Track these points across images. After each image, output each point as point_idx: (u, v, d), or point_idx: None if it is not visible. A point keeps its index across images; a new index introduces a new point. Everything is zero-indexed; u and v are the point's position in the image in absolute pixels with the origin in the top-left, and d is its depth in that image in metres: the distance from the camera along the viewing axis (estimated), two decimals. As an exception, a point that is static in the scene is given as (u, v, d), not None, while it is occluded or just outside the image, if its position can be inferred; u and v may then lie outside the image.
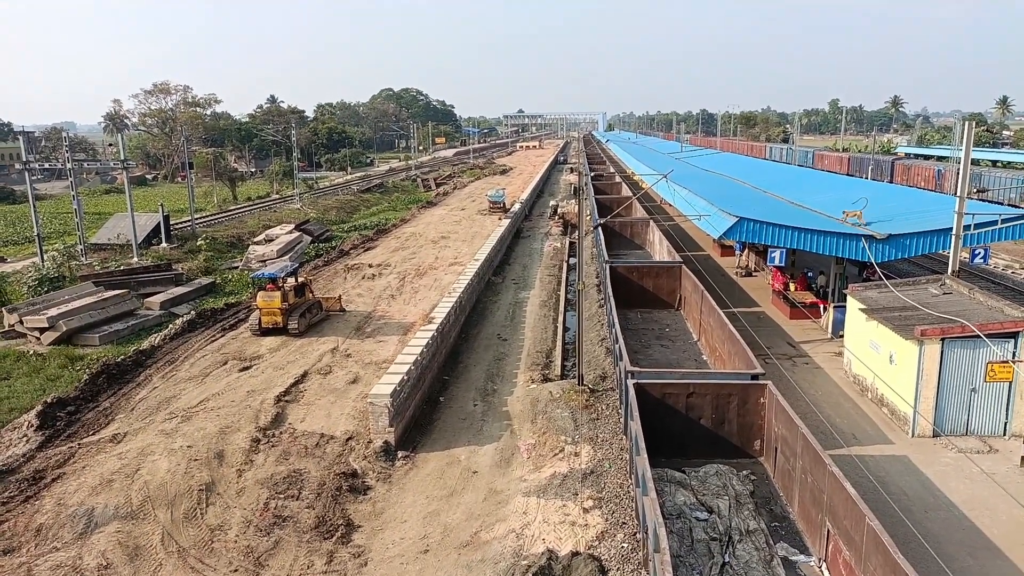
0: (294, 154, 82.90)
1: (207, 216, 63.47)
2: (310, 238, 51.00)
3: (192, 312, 32.01)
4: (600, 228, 38.36)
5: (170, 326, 29.96)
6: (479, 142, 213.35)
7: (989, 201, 46.44)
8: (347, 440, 19.63)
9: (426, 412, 22.12)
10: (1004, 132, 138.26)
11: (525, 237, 55.12)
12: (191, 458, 18.21)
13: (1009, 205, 53.55)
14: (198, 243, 48.01)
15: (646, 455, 13.82)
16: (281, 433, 19.93)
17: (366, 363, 25.45)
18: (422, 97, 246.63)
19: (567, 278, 40.35)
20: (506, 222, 53.66)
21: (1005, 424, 17.90)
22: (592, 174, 76.90)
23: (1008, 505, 14.29)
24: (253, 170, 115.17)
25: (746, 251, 37.72)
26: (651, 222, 43.34)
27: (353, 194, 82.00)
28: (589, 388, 22.13)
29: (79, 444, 19.38)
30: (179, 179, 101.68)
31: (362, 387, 22.91)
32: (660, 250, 37.94)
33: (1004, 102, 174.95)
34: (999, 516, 14.34)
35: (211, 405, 21.82)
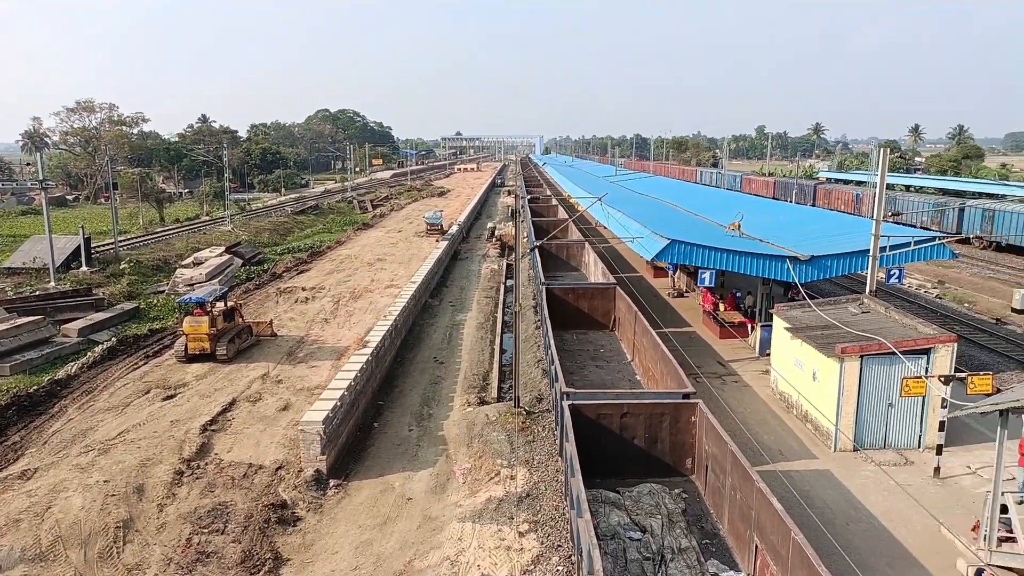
0: (226, 175, 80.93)
1: (132, 238, 61.14)
2: (241, 261, 49.68)
3: (113, 339, 30.66)
4: (537, 250, 38.65)
5: (88, 354, 28.59)
6: (417, 164, 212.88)
7: (903, 224, 48.85)
8: (277, 470, 19.05)
9: (360, 438, 21.69)
10: (916, 159, 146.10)
11: (463, 259, 55.09)
12: (108, 493, 17.33)
13: (921, 228, 56.52)
14: (121, 267, 46.17)
15: (580, 476, 13.87)
16: (206, 464, 19.19)
17: (298, 389, 24.84)
18: (359, 118, 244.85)
19: (504, 300, 40.45)
20: (443, 244, 53.56)
21: (919, 437, 18.71)
22: (529, 197, 77.65)
23: (922, 515, 14.90)
24: (182, 191, 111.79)
25: (678, 272, 38.61)
26: (586, 244, 43.98)
27: (287, 216, 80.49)
28: (525, 410, 22.13)
29: (-15, 481, 18.20)
30: (102, 200, 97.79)
31: (293, 414, 22.33)
32: (595, 272, 38.50)
33: (916, 130, 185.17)
34: (914, 526, 14.93)
35: (131, 437, 20.87)
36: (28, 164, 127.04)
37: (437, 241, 56.39)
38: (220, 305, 29.06)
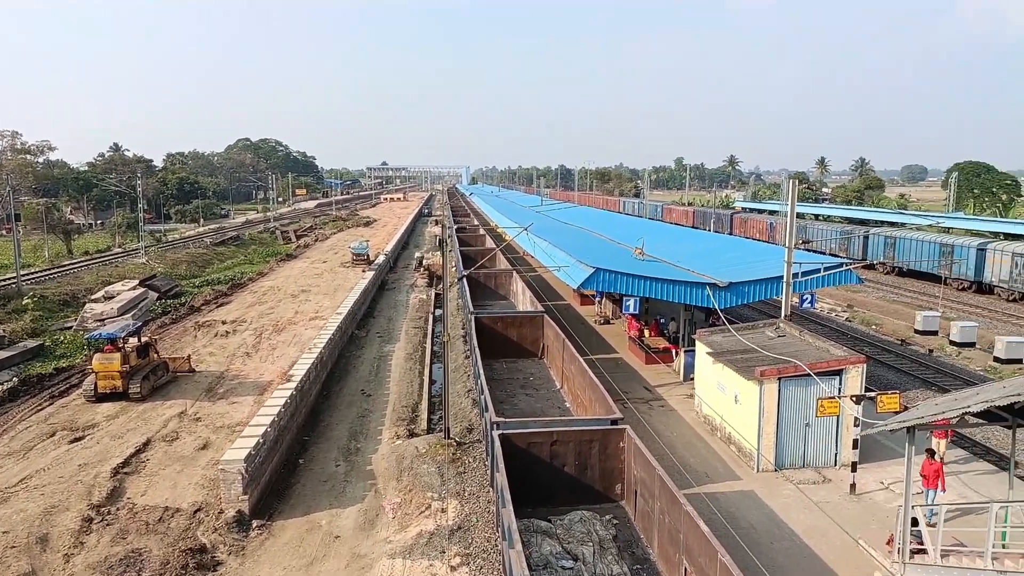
0: (140, 205, 77.87)
1: (37, 272, 57.81)
2: (157, 294, 47.71)
3: (14, 379, 28.81)
4: (465, 279, 38.68)
5: (-13, 395, 26.73)
6: (342, 194, 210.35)
7: (813, 251, 51.29)
8: (195, 512, 18.17)
9: (284, 476, 20.97)
10: (824, 189, 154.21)
11: (390, 289, 54.52)
12: (7, 545, 16.13)
13: (830, 255, 59.53)
14: (24, 302, 43.51)
15: (511, 507, 13.79)
16: (118, 510, 18.14)
17: (218, 427, 23.88)
18: (282, 148, 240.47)
19: (433, 330, 40.17)
20: (370, 274, 52.92)
21: (836, 455, 19.49)
22: (456, 226, 77.90)
23: (840, 531, 15.49)
24: (92, 222, 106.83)
25: (604, 300, 39.31)
26: (514, 273, 44.30)
27: (206, 247, 77.91)
28: (456, 441, 21.92)
29: None
30: (3, 232, 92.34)
31: (213, 453, 21.42)
32: (523, 300, 38.75)
33: (822, 162, 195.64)
34: (833, 542, 15.49)
35: (34, 483, 19.54)
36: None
37: (363, 271, 55.68)
38: (133, 341, 27.77)
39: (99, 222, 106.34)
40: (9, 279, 50.68)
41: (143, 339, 28.83)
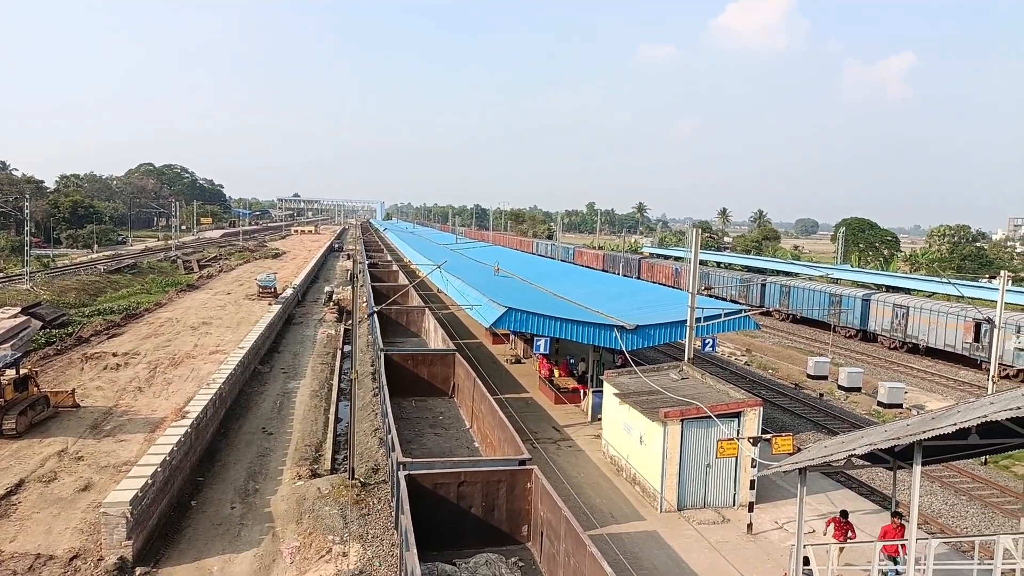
0: (26, 227, 72.90)
1: (-99, 295, 52.94)
2: (40, 323, 44.53)
3: None
4: (376, 315, 38.10)
5: None
6: (250, 224, 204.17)
7: (715, 297, 53.58)
8: (71, 560, 16.81)
9: (174, 519, 19.74)
10: (725, 238, 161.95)
11: (297, 323, 52.99)
12: None
13: (731, 301, 62.31)
14: None
15: (415, 550, 13.47)
16: (-18, 558, 16.54)
17: (102, 466, 22.32)
18: (187, 174, 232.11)
19: (341, 366, 39.21)
20: (276, 308, 51.31)
21: (734, 495, 20.13)
22: (369, 261, 76.90)
23: (735, 571, 15.93)
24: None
25: (514, 339, 39.55)
26: (427, 310, 44.03)
27: (99, 275, 73.53)
28: (360, 482, 21.31)
29: None
30: None
31: (96, 495, 19.97)
32: (435, 338, 38.50)
33: (724, 213, 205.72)
34: (732, 581, 15.90)
35: None
36: None
37: (270, 304, 53.97)
38: (11, 373, 25.74)
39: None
40: None
41: (22, 371, 26.78)
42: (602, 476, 22.31)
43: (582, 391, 29.83)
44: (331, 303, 58.46)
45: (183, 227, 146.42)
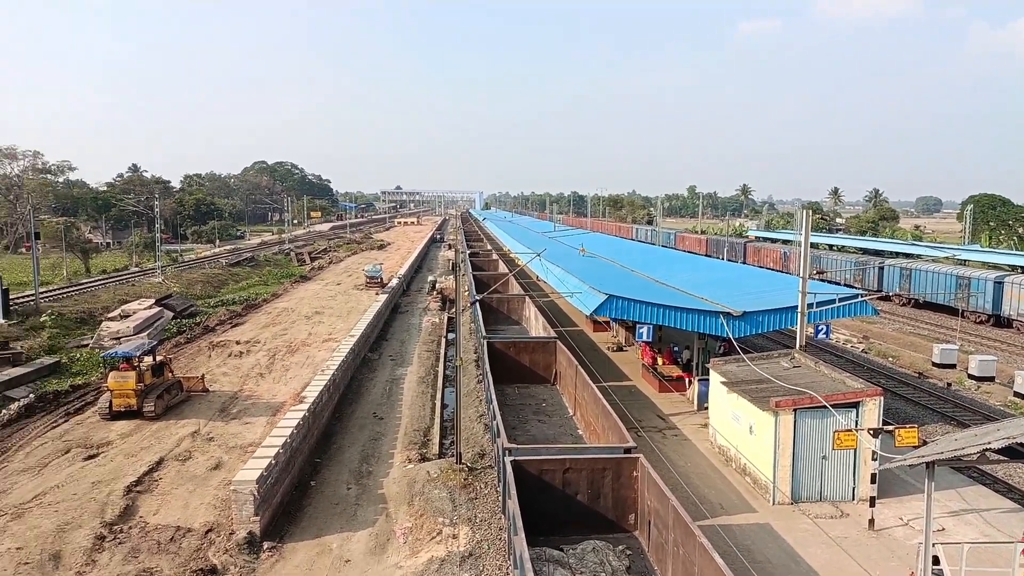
0: (157, 225, 78.77)
1: (54, 290, 58.50)
2: (172, 314, 48.06)
3: (31, 395, 29.03)
4: (477, 304, 38.75)
5: (3, 411, 26.93)
6: (356, 217, 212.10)
7: (827, 281, 51.05)
8: (206, 532, 18.15)
9: (296, 498, 20.92)
10: (837, 220, 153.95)
11: (403, 312, 54.67)
12: (20, 562, 16.16)
13: (845, 285, 59.24)
14: (42, 319, 43.99)
15: (523, 535, 13.69)
16: (130, 528, 18.14)
17: (230, 447, 23.91)
18: (297, 171, 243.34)
19: (445, 354, 40.18)
20: (383, 297, 53.13)
21: (853, 489, 19.22)
22: (470, 251, 78.23)
23: (859, 568, 15.23)
24: (110, 242, 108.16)
25: (616, 327, 39.23)
26: (527, 298, 44.37)
27: (221, 268, 78.58)
28: (467, 466, 21.82)
29: None
30: (23, 250, 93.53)
31: (225, 473, 21.43)
32: (536, 326, 38.74)
33: (836, 193, 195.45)
34: (852, 578, 15.23)
35: (48, 499, 19.60)
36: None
37: (377, 294, 55.91)
38: (148, 359, 27.96)
39: (117, 241, 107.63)
40: (28, 296, 51.31)
41: (158, 358, 29.03)
42: (710, 466, 21.85)
43: (687, 379, 29.26)
44: (434, 292, 59.89)
45: (295, 221, 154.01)
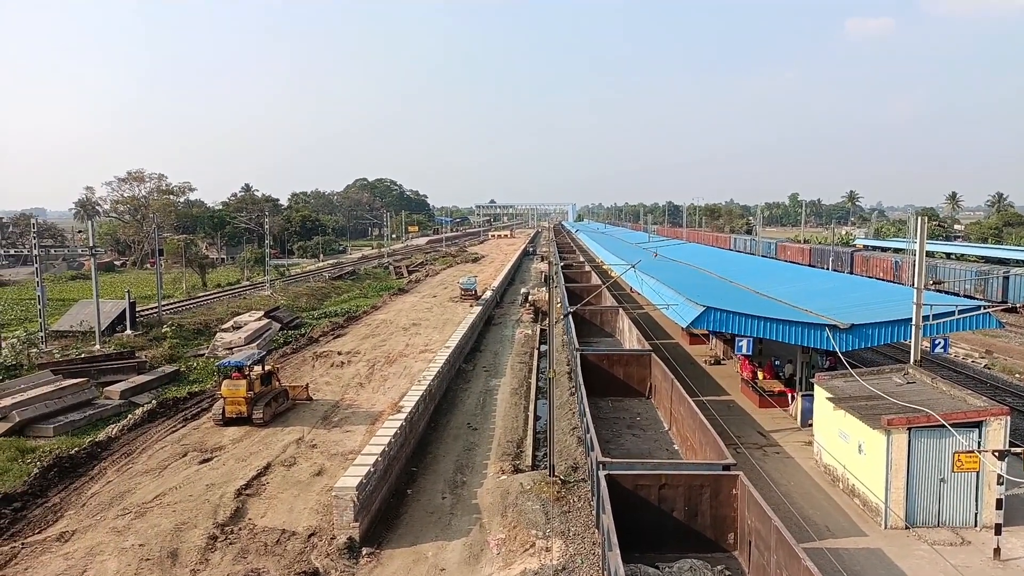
0: (266, 241, 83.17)
1: (175, 303, 62.73)
2: (279, 325, 50.50)
3: (153, 401, 31.13)
4: (570, 316, 38.64)
5: (129, 416, 29.04)
6: (451, 231, 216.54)
7: (945, 292, 47.87)
8: (309, 536, 18.85)
9: (393, 505, 21.44)
10: (956, 226, 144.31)
11: (496, 324, 55.21)
12: (142, 558, 17.30)
13: (965, 296, 55.33)
14: (163, 330, 47.23)
15: (618, 551, 13.47)
16: (240, 529, 19.09)
17: (332, 454, 24.79)
18: (396, 187, 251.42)
19: (538, 366, 40.25)
20: (477, 309, 53.86)
21: (976, 515, 17.86)
22: (562, 263, 78.18)
23: (984, 600, 14.10)
24: (224, 257, 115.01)
25: (714, 340, 38.16)
26: (620, 310, 43.85)
27: (324, 281, 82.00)
28: (560, 479, 21.72)
29: (22, 544, 18.32)
30: (148, 266, 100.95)
31: (327, 479, 22.22)
32: (630, 338, 38.22)
33: (953, 197, 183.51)
34: (976, 611, 14.12)
35: (167, 500, 20.93)
36: (79, 231, 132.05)
37: (471, 306, 56.74)
38: (258, 369, 29.42)
39: (230, 257, 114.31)
40: (152, 309, 55.24)
41: (266, 367, 30.51)
42: (815, 486, 20.84)
43: (789, 394, 28.06)
44: (527, 304, 60.18)
45: (393, 235, 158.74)
